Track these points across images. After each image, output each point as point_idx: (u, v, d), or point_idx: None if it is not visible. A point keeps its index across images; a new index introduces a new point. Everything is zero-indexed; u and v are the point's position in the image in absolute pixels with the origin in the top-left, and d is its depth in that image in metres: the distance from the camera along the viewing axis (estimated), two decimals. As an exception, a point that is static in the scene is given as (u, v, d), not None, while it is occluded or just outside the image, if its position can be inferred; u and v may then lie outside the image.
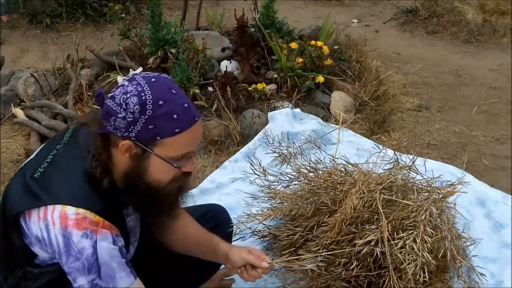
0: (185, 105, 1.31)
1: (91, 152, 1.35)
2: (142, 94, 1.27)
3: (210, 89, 3.33)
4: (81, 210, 1.29)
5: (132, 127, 1.27)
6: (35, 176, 1.36)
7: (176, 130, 1.29)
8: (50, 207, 1.29)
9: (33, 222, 1.32)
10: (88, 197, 1.31)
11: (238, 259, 1.64)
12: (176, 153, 1.32)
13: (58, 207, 1.29)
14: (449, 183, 2.01)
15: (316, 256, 1.76)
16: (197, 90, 3.24)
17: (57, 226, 1.28)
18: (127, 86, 1.29)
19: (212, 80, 3.37)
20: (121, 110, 1.26)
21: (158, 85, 1.30)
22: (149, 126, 1.27)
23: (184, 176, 1.40)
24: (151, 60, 3.39)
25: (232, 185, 2.65)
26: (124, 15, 4.04)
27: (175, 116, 1.28)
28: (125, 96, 1.27)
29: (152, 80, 1.30)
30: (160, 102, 1.27)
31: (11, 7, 5.13)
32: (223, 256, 1.67)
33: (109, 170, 1.36)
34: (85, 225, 1.28)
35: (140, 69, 3.42)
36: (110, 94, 1.30)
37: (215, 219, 1.87)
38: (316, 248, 1.83)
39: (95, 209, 1.30)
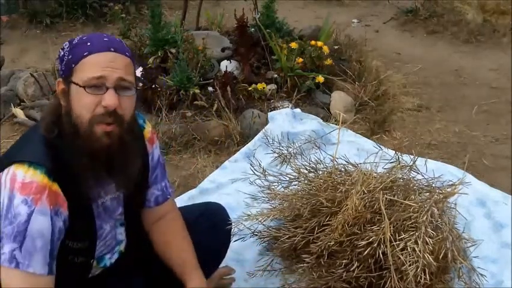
0: (105, 39, 1.37)
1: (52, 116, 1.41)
2: (78, 36, 1.38)
3: (210, 89, 3.33)
4: (30, 173, 1.30)
5: (61, 64, 1.38)
6: (7, 150, 1.44)
7: (85, 53, 1.33)
8: (6, 170, 1.32)
9: None
10: (41, 154, 1.33)
11: None
12: (85, 75, 1.31)
13: (11, 169, 1.31)
14: (450, 183, 2.00)
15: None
16: (197, 90, 3.24)
17: (7, 188, 1.30)
18: None
19: (212, 80, 3.37)
20: (60, 51, 1.39)
21: (99, 34, 1.41)
22: (70, 57, 1.36)
23: (106, 115, 1.32)
24: (151, 60, 3.39)
25: (232, 185, 2.64)
26: (124, 15, 4.04)
27: (89, 44, 1.35)
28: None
29: (98, 32, 1.39)
30: (85, 38, 1.36)
31: (11, 7, 5.14)
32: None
33: (58, 123, 1.38)
34: (29, 191, 1.29)
35: (139, 69, 3.43)
36: None
37: (213, 217, 1.87)
38: (318, 250, 1.83)
39: (46, 164, 1.31)
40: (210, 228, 1.81)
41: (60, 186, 1.34)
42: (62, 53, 1.38)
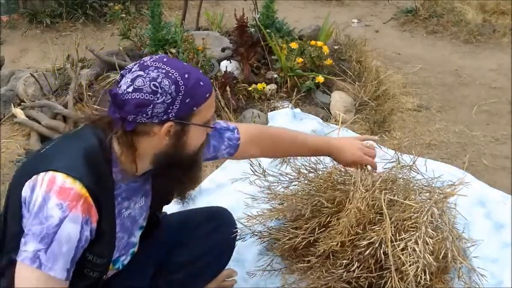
0: (201, 71, 1.46)
1: (98, 137, 1.37)
2: (170, 74, 1.32)
3: (210, 89, 3.33)
4: (70, 180, 1.29)
5: (171, 107, 1.32)
6: (39, 153, 1.41)
7: (207, 95, 1.37)
8: (42, 173, 1.31)
9: (24, 188, 1.32)
10: (81, 168, 1.32)
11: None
12: (209, 115, 1.41)
13: (50, 172, 1.30)
14: (450, 183, 2.00)
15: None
16: (197, 90, 3.23)
17: (43, 187, 1.29)
18: (147, 73, 1.31)
19: (212, 80, 3.37)
20: (158, 96, 1.30)
21: (172, 61, 1.36)
22: (187, 100, 1.33)
23: (207, 136, 1.49)
24: (151, 60, 3.39)
25: (232, 185, 2.63)
26: (124, 15, 4.04)
27: (202, 83, 1.36)
28: (155, 83, 1.30)
29: (164, 59, 1.35)
30: (186, 76, 1.33)
31: (11, 7, 5.14)
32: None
33: (131, 159, 1.39)
34: (65, 196, 1.28)
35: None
36: (131, 88, 1.31)
37: (218, 221, 1.87)
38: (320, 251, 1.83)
39: (84, 180, 1.30)
40: (215, 231, 1.82)
41: (94, 201, 1.33)
42: (170, 97, 1.31)
